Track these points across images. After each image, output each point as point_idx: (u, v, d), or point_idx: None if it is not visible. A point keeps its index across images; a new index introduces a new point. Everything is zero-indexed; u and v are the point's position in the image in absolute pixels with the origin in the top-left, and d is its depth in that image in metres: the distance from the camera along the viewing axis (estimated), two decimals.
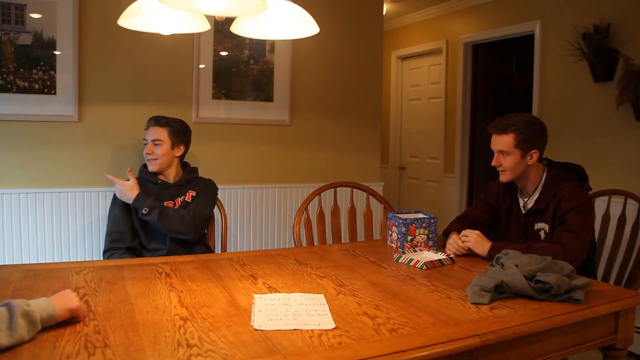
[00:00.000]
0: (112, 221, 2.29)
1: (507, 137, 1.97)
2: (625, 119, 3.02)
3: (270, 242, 3.16)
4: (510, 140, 1.97)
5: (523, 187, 2.08)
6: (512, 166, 1.99)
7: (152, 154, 2.34)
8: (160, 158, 2.34)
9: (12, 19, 2.46)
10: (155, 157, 2.34)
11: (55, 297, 1.23)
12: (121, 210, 2.27)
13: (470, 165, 4.55)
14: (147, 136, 2.37)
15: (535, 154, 1.99)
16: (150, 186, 2.34)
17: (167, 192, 2.34)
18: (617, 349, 1.54)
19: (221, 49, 2.94)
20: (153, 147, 2.35)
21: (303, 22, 1.63)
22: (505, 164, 2.00)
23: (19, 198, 2.55)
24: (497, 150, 2.01)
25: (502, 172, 2.03)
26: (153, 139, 2.35)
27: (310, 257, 1.98)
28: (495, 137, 2.02)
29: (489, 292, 1.47)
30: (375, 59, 3.40)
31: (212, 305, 1.41)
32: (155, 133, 2.35)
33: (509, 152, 1.98)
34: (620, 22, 3.04)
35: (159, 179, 2.37)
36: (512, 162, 1.98)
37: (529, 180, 2.04)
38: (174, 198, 2.34)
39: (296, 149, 3.20)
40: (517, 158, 1.98)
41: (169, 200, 2.33)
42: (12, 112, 2.50)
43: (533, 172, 2.03)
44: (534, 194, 2.05)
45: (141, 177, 2.37)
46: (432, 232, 2.13)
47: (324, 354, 1.12)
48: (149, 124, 2.39)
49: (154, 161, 2.35)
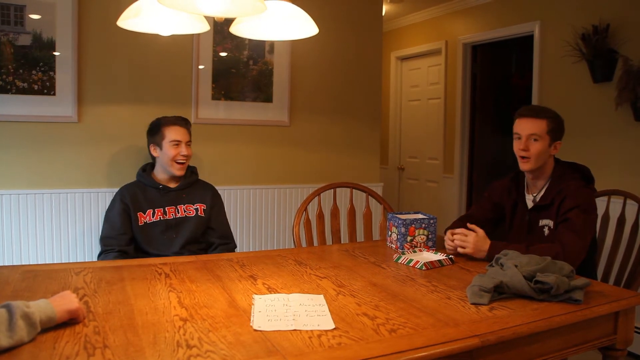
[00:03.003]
0: (110, 227, 2.21)
1: (541, 121, 1.96)
2: (624, 120, 3.02)
3: (270, 243, 3.16)
4: (544, 125, 1.95)
5: (535, 180, 2.07)
6: (539, 152, 1.96)
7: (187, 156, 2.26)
8: (188, 160, 2.30)
9: (11, 20, 2.46)
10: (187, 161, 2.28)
11: (54, 299, 1.23)
12: (120, 215, 2.21)
13: (469, 165, 4.55)
14: (177, 136, 2.25)
15: (559, 145, 2.00)
16: (151, 191, 2.28)
17: (168, 198, 2.29)
18: (616, 349, 1.54)
19: (220, 50, 2.94)
20: (188, 148, 2.26)
21: (302, 23, 1.64)
22: (532, 149, 1.96)
23: (18, 199, 2.55)
24: (527, 135, 1.97)
25: (526, 159, 1.99)
26: (187, 140, 2.27)
27: (310, 258, 1.98)
28: (528, 120, 1.98)
29: (488, 293, 1.47)
30: (375, 60, 3.40)
31: (212, 306, 1.41)
32: (187, 135, 2.28)
33: (541, 137, 1.95)
34: (619, 22, 3.04)
35: (160, 183, 2.30)
36: (540, 147, 1.96)
37: (543, 172, 2.04)
38: (176, 204, 2.29)
39: (295, 149, 3.20)
40: (546, 145, 1.96)
41: (170, 205, 2.27)
42: (12, 113, 2.50)
43: (548, 165, 2.03)
44: (541, 190, 2.05)
45: (140, 181, 2.31)
46: (431, 232, 2.13)
47: (323, 355, 1.12)
48: (175, 122, 2.28)
49: (184, 165, 2.27)
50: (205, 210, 2.33)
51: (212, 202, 2.36)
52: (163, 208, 2.26)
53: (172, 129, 2.27)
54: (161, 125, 2.30)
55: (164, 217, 2.26)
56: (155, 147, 2.31)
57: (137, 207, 2.24)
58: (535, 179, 2.07)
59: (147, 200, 2.26)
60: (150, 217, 2.24)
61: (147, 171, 2.35)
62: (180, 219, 2.28)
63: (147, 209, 2.25)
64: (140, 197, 2.26)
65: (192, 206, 2.32)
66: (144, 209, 2.24)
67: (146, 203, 2.26)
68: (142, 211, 2.24)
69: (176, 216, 2.28)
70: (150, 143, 2.34)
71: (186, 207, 2.31)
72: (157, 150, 2.30)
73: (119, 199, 2.26)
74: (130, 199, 2.25)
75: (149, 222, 2.24)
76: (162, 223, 2.26)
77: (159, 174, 2.34)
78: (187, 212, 2.30)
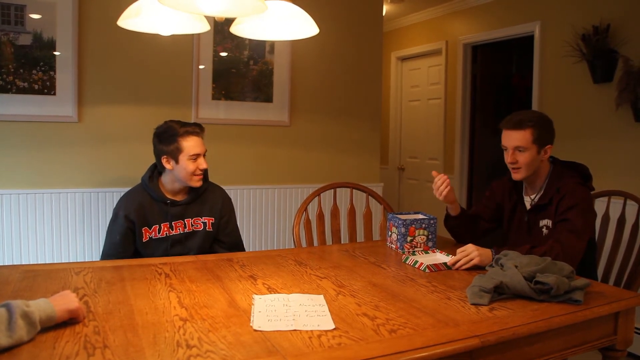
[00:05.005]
0: (111, 243, 2.08)
1: (524, 132, 1.93)
2: (624, 120, 3.02)
3: (270, 243, 3.16)
4: (527, 135, 1.93)
5: (532, 184, 2.06)
6: (528, 162, 1.95)
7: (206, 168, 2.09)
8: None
9: (11, 20, 2.46)
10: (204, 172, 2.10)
11: (54, 298, 1.23)
12: (122, 235, 2.06)
13: (469, 165, 4.55)
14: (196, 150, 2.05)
15: (550, 149, 1.97)
16: (158, 205, 2.09)
17: (175, 211, 2.11)
18: (616, 349, 1.54)
19: (221, 50, 2.94)
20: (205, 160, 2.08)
21: (303, 23, 1.63)
22: (521, 160, 1.95)
23: (18, 199, 2.55)
24: (513, 147, 1.96)
25: (517, 169, 1.98)
26: (205, 151, 2.10)
27: (310, 258, 1.98)
28: (511, 132, 1.97)
29: (488, 293, 1.47)
30: (375, 60, 3.40)
31: (212, 306, 1.41)
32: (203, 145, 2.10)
33: (527, 148, 1.93)
34: (619, 23, 3.04)
35: (168, 198, 2.10)
36: (528, 158, 1.94)
37: (538, 176, 2.03)
38: (183, 217, 2.12)
39: (296, 149, 3.20)
40: (534, 154, 1.95)
41: (177, 220, 2.11)
42: (12, 113, 2.50)
43: (542, 168, 2.02)
44: (540, 191, 2.04)
45: (147, 193, 2.09)
46: (431, 232, 2.13)
47: (323, 355, 1.12)
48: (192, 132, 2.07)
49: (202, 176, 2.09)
50: (214, 224, 2.18)
51: (221, 213, 2.20)
52: (169, 223, 2.10)
53: (190, 141, 2.04)
54: (177, 135, 2.04)
55: (170, 232, 2.11)
56: (170, 159, 2.05)
57: (143, 222, 2.08)
58: (531, 182, 2.07)
59: (153, 215, 2.09)
60: (155, 232, 2.10)
61: (154, 180, 2.13)
62: (187, 233, 2.14)
63: (152, 224, 2.09)
64: (147, 211, 2.09)
65: (200, 219, 2.16)
66: (149, 224, 2.09)
67: (152, 218, 2.08)
68: (147, 226, 2.09)
69: (183, 231, 2.12)
70: (163, 154, 2.05)
71: (194, 221, 2.14)
72: (171, 163, 2.05)
73: (124, 215, 2.06)
74: (135, 214, 2.06)
75: (155, 237, 2.11)
76: (168, 239, 2.11)
77: (168, 184, 2.12)
78: (194, 226, 2.15)
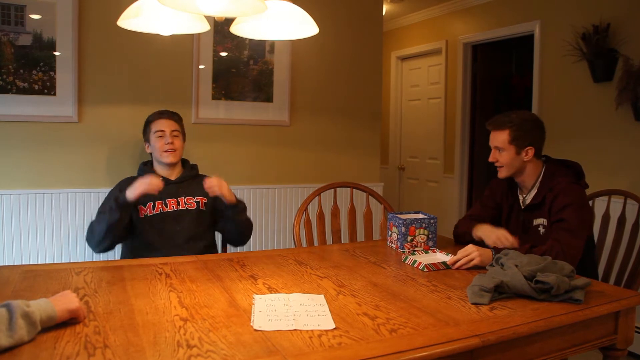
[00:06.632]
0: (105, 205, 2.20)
1: (502, 133, 2.02)
2: (624, 119, 3.02)
3: (270, 243, 3.16)
4: (505, 136, 2.01)
5: (522, 183, 2.11)
6: (507, 162, 2.03)
7: (173, 144, 2.29)
8: (179, 150, 2.32)
9: (11, 20, 2.46)
10: (175, 148, 2.30)
11: (55, 298, 1.23)
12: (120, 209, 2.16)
13: (470, 165, 4.55)
14: (160, 127, 2.30)
15: (531, 150, 2.01)
16: None
17: (168, 190, 2.28)
18: (617, 349, 1.54)
19: (221, 50, 2.94)
20: (173, 137, 2.30)
21: (302, 23, 1.63)
22: (501, 159, 2.05)
23: (18, 199, 2.55)
24: (493, 147, 2.07)
25: (499, 168, 2.08)
26: (172, 130, 2.31)
27: (310, 258, 1.98)
28: (492, 133, 2.07)
29: (488, 292, 1.47)
30: (375, 60, 3.40)
31: (212, 305, 1.41)
32: (172, 125, 2.32)
33: (504, 148, 2.02)
34: (619, 22, 3.04)
35: (161, 176, 2.29)
36: (507, 158, 2.03)
37: (527, 176, 2.07)
38: (177, 196, 2.29)
39: (296, 149, 3.20)
40: (512, 154, 2.02)
41: (171, 197, 2.27)
42: (12, 113, 2.50)
43: (530, 168, 2.05)
44: (532, 190, 2.07)
45: (141, 175, 2.30)
46: (431, 232, 2.13)
47: (323, 355, 1.12)
48: (159, 116, 2.34)
49: (173, 153, 2.30)
50: (207, 204, 2.32)
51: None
52: (163, 200, 2.25)
53: (156, 122, 2.33)
54: (148, 121, 2.36)
55: (164, 209, 2.26)
56: (147, 143, 2.36)
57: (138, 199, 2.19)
58: (521, 182, 2.11)
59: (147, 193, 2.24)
60: (150, 209, 2.24)
61: (148, 165, 2.38)
62: (180, 211, 2.27)
63: (147, 201, 2.23)
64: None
65: (193, 199, 2.31)
66: (144, 201, 2.23)
67: (146, 195, 2.21)
68: (142, 204, 2.23)
69: (176, 208, 2.27)
70: (145, 142, 2.39)
71: (187, 200, 2.30)
72: (148, 146, 2.36)
73: (119, 189, 2.23)
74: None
75: (150, 214, 2.23)
76: (162, 215, 2.25)
77: (157, 169, 2.37)
78: (187, 205, 2.29)
